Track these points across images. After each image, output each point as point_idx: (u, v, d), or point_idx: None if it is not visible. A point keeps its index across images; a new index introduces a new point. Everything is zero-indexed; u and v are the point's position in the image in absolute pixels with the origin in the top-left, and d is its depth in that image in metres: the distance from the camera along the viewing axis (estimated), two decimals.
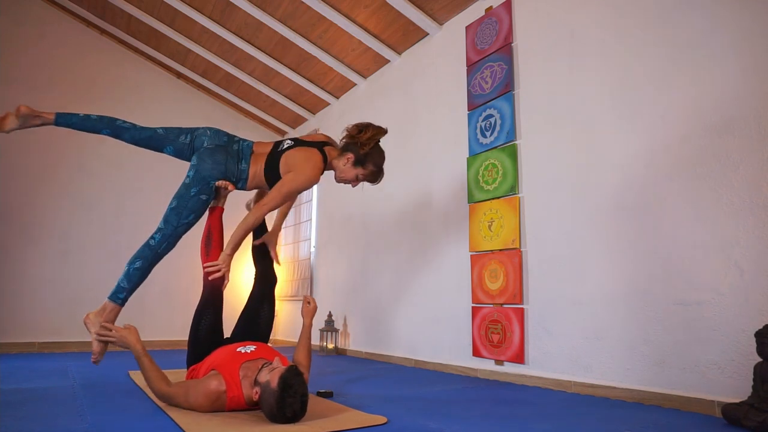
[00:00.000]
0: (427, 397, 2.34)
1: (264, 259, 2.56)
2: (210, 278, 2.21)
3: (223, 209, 2.57)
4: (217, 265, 2.20)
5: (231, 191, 2.38)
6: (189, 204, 2.23)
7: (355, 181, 2.36)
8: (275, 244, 2.59)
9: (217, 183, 2.27)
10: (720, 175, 2.06)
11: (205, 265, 2.25)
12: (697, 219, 2.11)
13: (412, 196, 3.79)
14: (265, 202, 2.21)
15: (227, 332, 2.34)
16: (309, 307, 2.34)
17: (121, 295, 2.25)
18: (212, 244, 2.44)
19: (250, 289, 2.52)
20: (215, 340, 2.24)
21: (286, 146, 2.31)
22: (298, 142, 2.33)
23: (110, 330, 2.11)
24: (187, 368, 2.19)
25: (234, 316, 2.46)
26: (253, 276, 2.56)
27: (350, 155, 2.30)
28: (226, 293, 2.44)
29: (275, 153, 2.31)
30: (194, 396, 1.84)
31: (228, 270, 2.23)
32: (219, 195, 2.50)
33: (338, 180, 2.39)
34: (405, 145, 3.93)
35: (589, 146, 2.58)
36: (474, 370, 3.05)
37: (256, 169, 2.32)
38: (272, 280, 2.53)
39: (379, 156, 2.36)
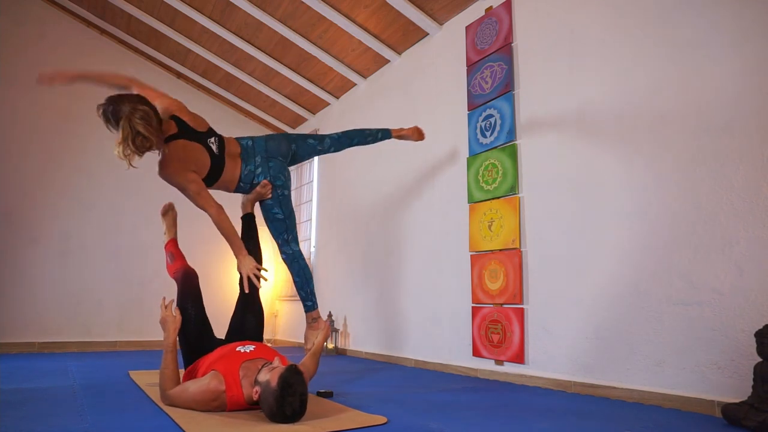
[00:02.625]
0: (427, 397, 2.33)
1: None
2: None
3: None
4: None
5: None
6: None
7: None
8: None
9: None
10: (720, 175, 2.06)
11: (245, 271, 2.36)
12: (697, 219, 2.11)
13: (412, 196, 3.79)
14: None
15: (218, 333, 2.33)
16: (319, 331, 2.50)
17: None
18: (176, 257, 2.63)
19: (229, 284, 2.54)
20: (205, 332, 2.24)
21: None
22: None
23: (165, 305, 2.15)
24: (185, 369, 2.18)
25: (217, 314, 2.49)
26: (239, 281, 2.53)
27: None
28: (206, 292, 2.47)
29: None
30: (193, 395, 1.84)
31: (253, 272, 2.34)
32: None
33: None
34: (405, 145, 3.93)
35: (589, 146, 2.58)
36: (474, 370, 3.05)
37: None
38: (252, 287, 2.45)
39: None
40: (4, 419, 1.74)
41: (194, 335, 2.21)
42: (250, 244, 2.54)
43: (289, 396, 1.64)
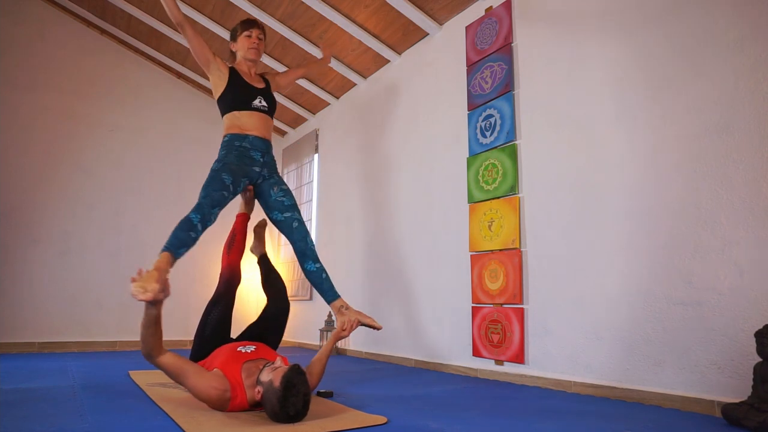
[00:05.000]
0: (427, 397, 2.34)
1: (275, 287, 2.58)
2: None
3: (249, 216, 2.75)
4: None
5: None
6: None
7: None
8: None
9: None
10: (720, 175, 2.06)
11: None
12: (697, 219, 2.11)
13: (412, 196, 3.79)
14: None
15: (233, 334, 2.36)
16: (337, 332, 2.43)
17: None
18: (234, 246, 2.57)
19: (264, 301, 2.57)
20: (223, 336, 2.26)
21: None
22: None
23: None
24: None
25: (243, 314, 2.48)
26: (267, 304, 2.56)
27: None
28: (240, 291, 2.53)
29: None
30: (194, 386, 1.83)
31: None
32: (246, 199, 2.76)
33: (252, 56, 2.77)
34: (405, 145, 3.93)
35: (589, 146, 2.58)
36: (474, 370, 3.05)
37: None
38: (286, 308, 2.53)
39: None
40: (4, 419, 1.74)
41: (210, 335, 2.23)
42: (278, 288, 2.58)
43: (292, 396, 1.65)
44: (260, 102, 2.66)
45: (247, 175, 2.53)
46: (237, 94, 2.62)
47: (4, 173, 4.49)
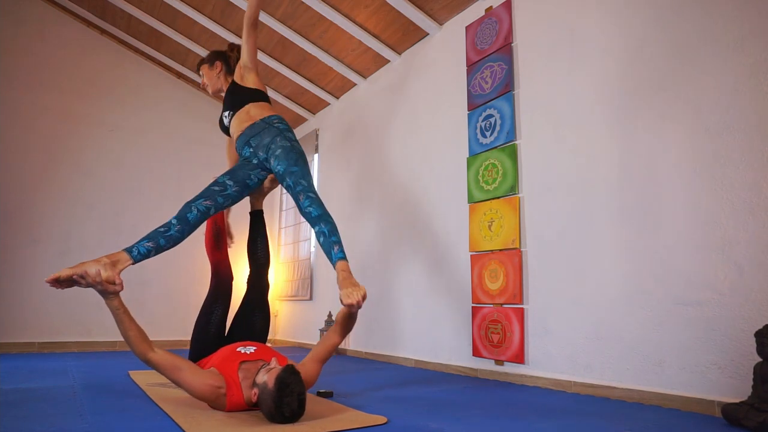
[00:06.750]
0: (427, 397, 2.34)
1: (257, 263, 2.57)
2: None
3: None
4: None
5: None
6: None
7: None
8: None
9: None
10: (720, 175, 2.06)
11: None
12: (697, 219, 2.11)
13: (412, 196, 3.79)
14: None
15: None
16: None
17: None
18: (222, 241, 2.61)
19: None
20: (222, 335, 2.27)
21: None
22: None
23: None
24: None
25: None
26: (247, 279, 2.57)
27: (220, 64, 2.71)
28: (235, 288, 2.51)
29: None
30: (190, 384, 1.83)
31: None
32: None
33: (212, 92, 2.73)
34: (405, 145, 3.93)
35: (589, 146, 2.58)
36: (474, 370, 3.05)
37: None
38: (264, 287, 2.54)
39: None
40: (4, 419, 1.74)
41: (214, 336, 2.24)
42: (259, 266, 2.58)
43: (287, 397, 1.64)
44: (226, 117, 2.59)
45: (256, 168, 2.38)
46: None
47: (4, 173, 4.49)
